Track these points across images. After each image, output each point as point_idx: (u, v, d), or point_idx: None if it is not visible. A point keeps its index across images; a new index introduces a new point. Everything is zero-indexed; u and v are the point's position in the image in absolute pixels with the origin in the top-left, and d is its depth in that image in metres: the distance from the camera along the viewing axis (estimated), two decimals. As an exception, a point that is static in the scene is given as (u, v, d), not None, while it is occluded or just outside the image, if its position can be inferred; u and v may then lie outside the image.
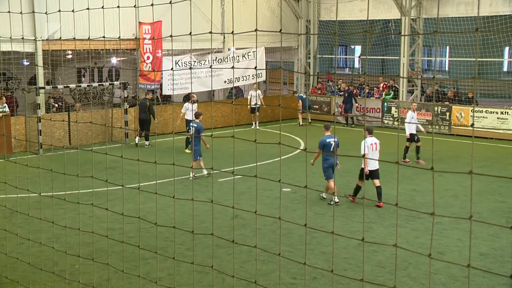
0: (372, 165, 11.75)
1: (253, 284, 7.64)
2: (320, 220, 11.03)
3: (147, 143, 19.06)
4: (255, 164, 15.07)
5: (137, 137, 19.17)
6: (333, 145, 11.96)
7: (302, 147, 18.46)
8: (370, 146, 11.88)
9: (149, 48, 21.02)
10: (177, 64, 20.81)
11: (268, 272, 8.54)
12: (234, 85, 23.69)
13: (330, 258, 9.04)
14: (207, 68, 20.58)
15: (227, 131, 17.64)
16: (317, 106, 25.45)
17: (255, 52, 22.85)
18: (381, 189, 12.00)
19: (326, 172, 12.04)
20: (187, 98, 24.03)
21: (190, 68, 21.19)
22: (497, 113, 20.92)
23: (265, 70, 24.54)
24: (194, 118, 14.99)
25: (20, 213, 8.36)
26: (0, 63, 19.36)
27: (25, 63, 20.71)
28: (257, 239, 9.50)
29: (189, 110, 18.01)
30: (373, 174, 11.94)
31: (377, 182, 11.98)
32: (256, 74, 23.04)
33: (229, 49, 23.54)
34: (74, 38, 17.70)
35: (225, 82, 22.79)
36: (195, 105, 18.09)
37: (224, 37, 23.02)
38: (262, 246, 9.21)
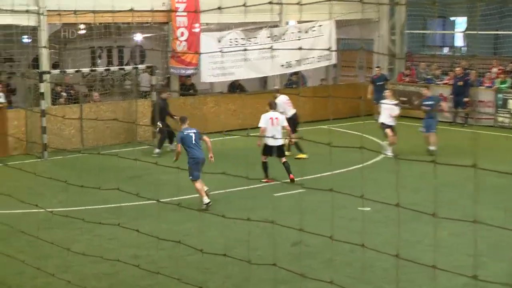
0: (273, 141, 14.64)
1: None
2: (411, 249, 10.81)
3: (157, 151, 18.46)
4: (322, 174, 15.04)
5: (157, 149, 18.66)
6: (193, 137, 13.73)
7: (389, 152, 18.14)
8: (270, 120, 14.62)
9: (184, 22, 21.17)
10: (219, 43, 20.91)
11: (342, 318, 8.45)
12: (295, 70, 23.53)
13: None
14: (262, 48, 20.60)
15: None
16: (405, 99, 25.05)
17: (321, 27, 22.68)
18: (288, 163, 15.08)
19: (192, 171, 13.41)
20: (233, 87, 24.38)
21: (245, 50, 21.16)
22: None
23: (335, 52, 24.27)
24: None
25: (25, 233, 8.52)
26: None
27: (26, 40, 21.11)
28: (330, 272, 9.42)
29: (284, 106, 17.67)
30: (276, 151, 14.95)
31: (282, 159, 15.21)
32: (324, 56, 22.85)
33: (287, 23, 23.52)
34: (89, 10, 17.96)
35: (282, 66, 22.69)
36: (284, 99, 17.70)
37: (281, 8, 22.85)
38: (336, 282, 9.08)
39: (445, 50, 34.33)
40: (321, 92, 24.59)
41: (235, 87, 24.17)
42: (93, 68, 21.24)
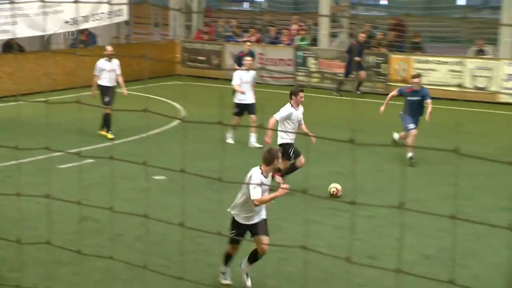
0: None
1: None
2: (208, 220, 11.20)
3: None
4: (113, 142, 15.30)
5: None
6: None
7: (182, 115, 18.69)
8: None
9: None
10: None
11: (132, 295, 8.65)
12: (82, 28, 23.31)
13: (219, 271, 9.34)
14: (39, 3, 19.77)
15: (71, 95, 17.32)
16: (203, 58, 25.60)
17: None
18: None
19: None
20: (8, 46, 23.61)
21: (12, 2, 19.38)
22: (450, 63, 22.15)
23: (126, 6, 24.08)
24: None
25: None
26: None
27: None
28: (116, 248, 9.55)
29: (105, 71, 16.99)
30: None
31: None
32: (114, 12, 22.75)
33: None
34: None
35: (67, 23, 22.16)
36: (114, 62, 17.15)
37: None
38: (125, 259, 9.26)
39: (245, 5, 35.36)
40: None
41: (11, 47, 23.45)
42: None
